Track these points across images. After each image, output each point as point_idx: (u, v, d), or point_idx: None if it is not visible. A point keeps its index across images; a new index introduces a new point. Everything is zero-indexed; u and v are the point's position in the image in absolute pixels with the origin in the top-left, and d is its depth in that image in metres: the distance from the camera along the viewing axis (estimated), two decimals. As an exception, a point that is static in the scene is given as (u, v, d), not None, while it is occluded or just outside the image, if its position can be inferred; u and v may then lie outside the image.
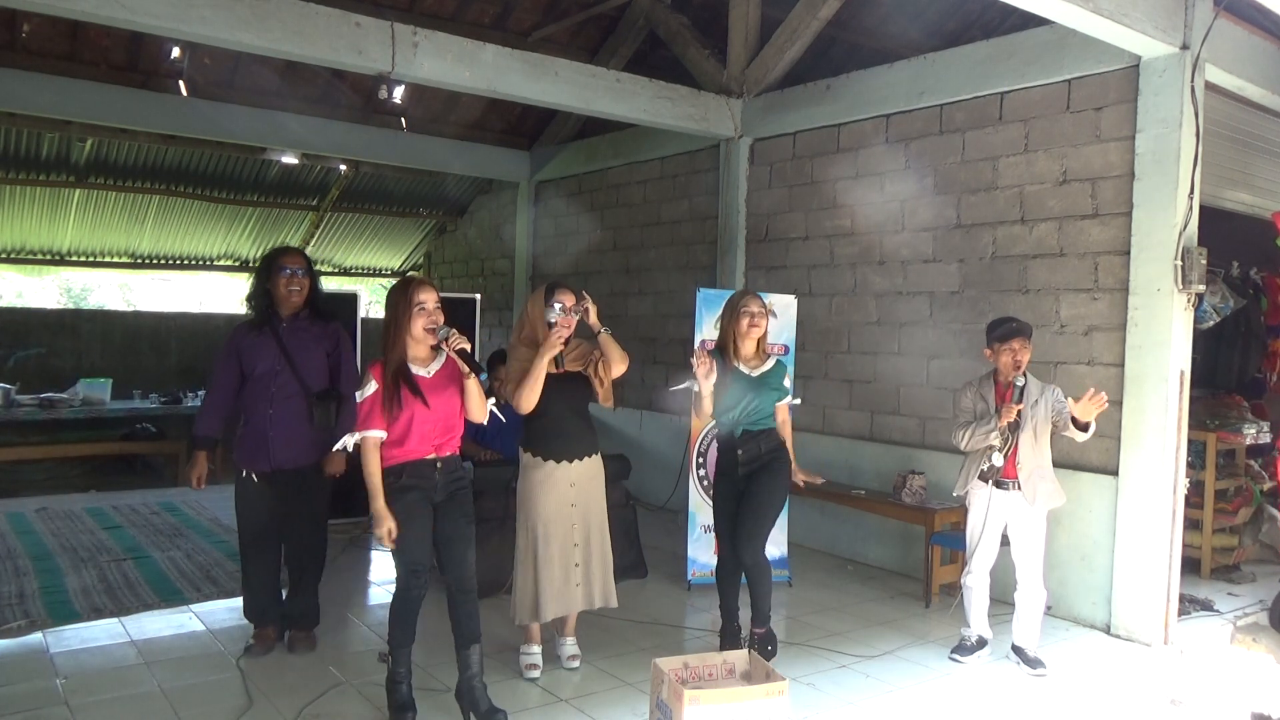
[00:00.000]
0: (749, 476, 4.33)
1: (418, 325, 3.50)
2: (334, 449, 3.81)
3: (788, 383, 4.49)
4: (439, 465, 3.58)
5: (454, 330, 3.52)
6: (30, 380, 9.11)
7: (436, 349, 3.61)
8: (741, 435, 4.34)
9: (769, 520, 4.36)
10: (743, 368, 4.36)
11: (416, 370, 3.54)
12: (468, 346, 3.51)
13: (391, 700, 3.61)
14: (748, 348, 4.38)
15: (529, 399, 3.94)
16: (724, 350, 4.40)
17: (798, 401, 4.57)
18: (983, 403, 4.41)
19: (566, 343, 4.06)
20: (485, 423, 3.78)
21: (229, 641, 4.45)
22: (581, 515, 4.15)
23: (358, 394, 3.52)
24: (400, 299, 3.52)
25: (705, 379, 4.17)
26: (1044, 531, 4.43)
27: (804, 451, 6.59)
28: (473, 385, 3.59)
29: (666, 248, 8.22)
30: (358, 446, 3.51)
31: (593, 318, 4.04)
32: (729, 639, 4.44)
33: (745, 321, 4.33)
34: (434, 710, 3.72)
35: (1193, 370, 5.02)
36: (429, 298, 3.52)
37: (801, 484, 4.61)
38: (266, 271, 4.22)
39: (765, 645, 4.36)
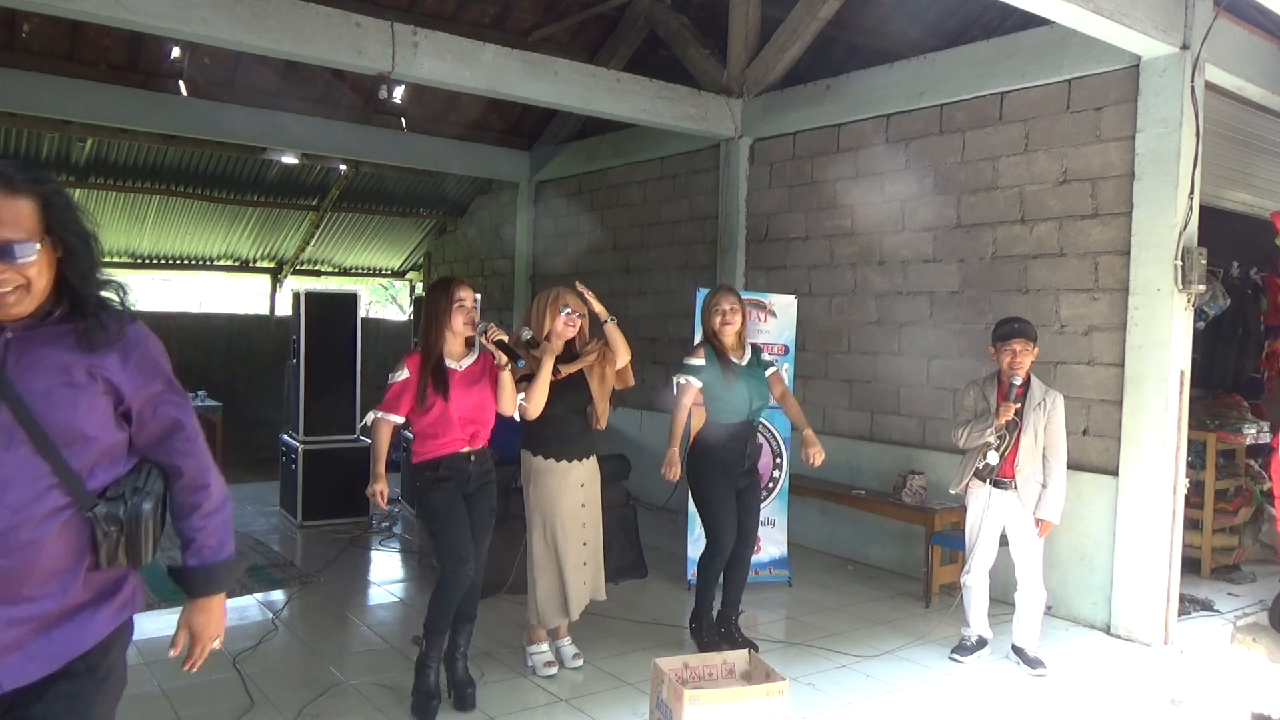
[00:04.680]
0: (746, 473, 4.48)
1: (458, 320, 3.70)
2: (360, 423, 3.85)
3: (765, 355, 4.66)
4: (472, 458, 3.74)
5: (491, 323, 3.69)
6: (30, 380, 9.10)
7: (470, 345, 3.78)
8: (756, 426, 4.49)
9: None
10: (733, 359, 4.45)
11: (450, 364, 3.71)
12: (505, 337, 3.67)
13: (418, 684, 3.72)
14: (728, 343, 4.47)
15: (536, 405, 3.96)
16: (713, 346, 4.48)
17: (786, 365, 4.72)
18: (984, 402, 4.42)
19: (574, 343, 4.16)
20: (511, 415, 3.86)
21: (229, 641, 4.38)
22: (590, 514, 4.24)
23: (390, 375, 3.71)
24: (442, 296, 3.73)
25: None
26: (1043, 532, 4.43)
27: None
28: (506, 378, 3.73)
29: (666, 248, 8.22)
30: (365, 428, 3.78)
31: (597, 307, 4.13)
32: (707, 630, 4.49)
33: (717, 319, 4.43)
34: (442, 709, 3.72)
35: (1192, 370, 5.02)
36: (468, 296, 3.75)
37: (814, 459, 4.52)
38: None
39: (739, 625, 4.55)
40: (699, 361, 4.44)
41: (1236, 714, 4.04)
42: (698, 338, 5.59)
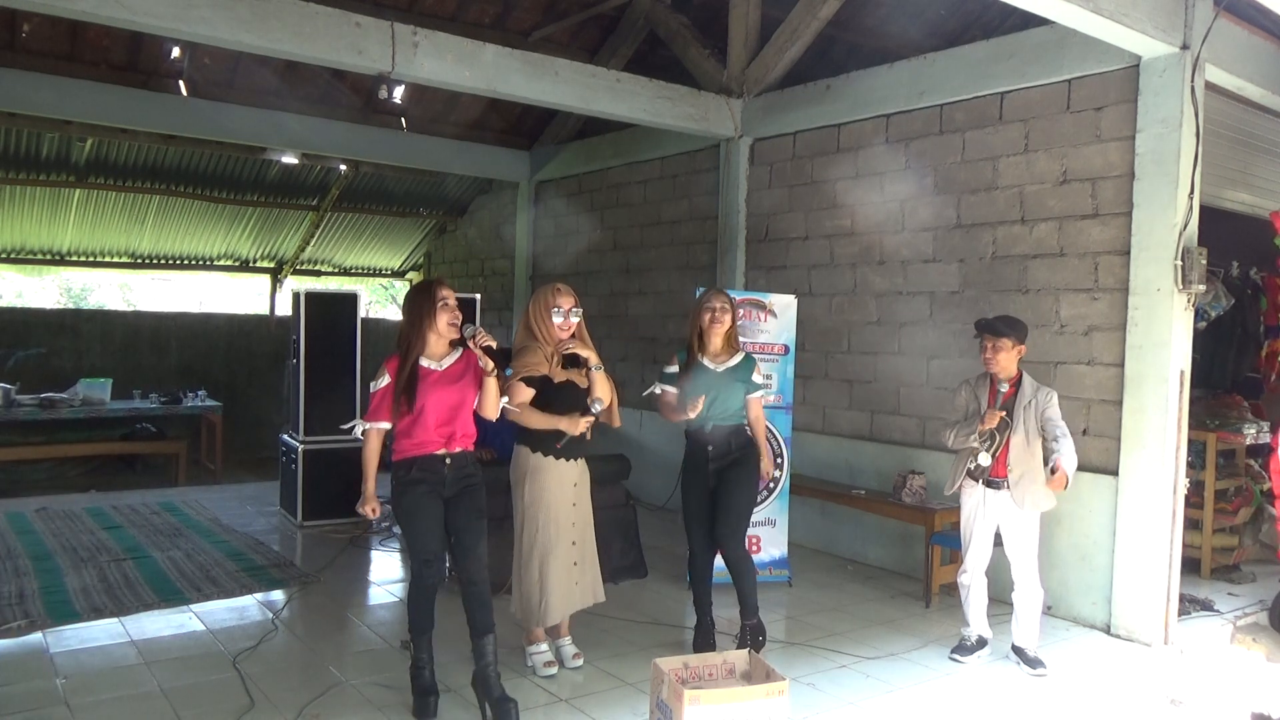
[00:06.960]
0: (720, 472, 4.43)
1: (442, 321, 3.66)
2: (350, 433, 3.81)
3: (758, 377, 4.57)
4: (448, 461, 3.68)
5: (480, 328, 3.65)
6: (30, 380, 9.11)
7: (453, 345, 3.73)
8: (711, 430, 4.43)
9: (749, 514, 4.51)
10: (708, 363, 4.44)
11: (430, 364, 3.67)
12: (493, 344, 3.63)
13: (415, 685, 3.72)
14: (715, 343, 4.47)
15: (523, 411, 4.00)
16: (690, 347, 4.49)
17: (772, 397, 4.64)
18: (975, 401, 4.45)
19: (572, 358, 4.12)
20: (494, 419, 3.82)
21: (229, 641, 4.45)
22: (580, 514, 4.22)
23: (371, 385, 3.69)
24: (424, 297, 3.69)
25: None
26: (1036, 532, 4.43)
27: (804, 451, 6.61)
28: (490, 382, 3.69)
29: (666, 248, 8.22)
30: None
31: (594, 360, 4.09)
32: (703, 636, 4.46)
33: (707, 317, 4.44)
34: (446, 706, 3.72)
35: (1192, 370, 5.02)
36: (450, 295, 3.70)
37: (768, 477, 4.76)
38: None
39: (756, 636, 4.45)
40: (672, 369, 4.51)
41: (1236, 714, 4.04)
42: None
